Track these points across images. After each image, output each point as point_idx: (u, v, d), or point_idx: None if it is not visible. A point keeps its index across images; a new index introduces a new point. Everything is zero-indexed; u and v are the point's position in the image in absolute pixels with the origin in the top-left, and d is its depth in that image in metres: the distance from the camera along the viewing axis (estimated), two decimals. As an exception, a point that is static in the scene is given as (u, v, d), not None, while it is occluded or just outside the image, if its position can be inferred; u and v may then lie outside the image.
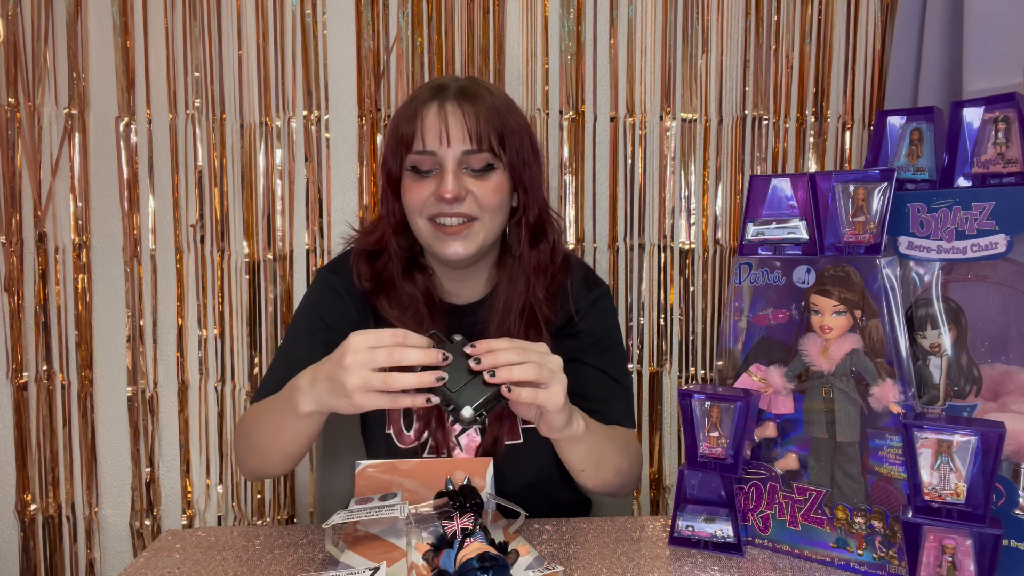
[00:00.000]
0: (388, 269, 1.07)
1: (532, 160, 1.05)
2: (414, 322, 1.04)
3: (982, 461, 0.71)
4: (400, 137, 1.01)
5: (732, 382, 0.92)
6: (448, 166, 0.98)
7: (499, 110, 1.00)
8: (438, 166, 0.99)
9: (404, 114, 1.01)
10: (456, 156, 0.98)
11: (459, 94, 1.00)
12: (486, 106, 0.99)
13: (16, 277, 1.65)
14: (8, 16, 1.60)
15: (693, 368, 1.73)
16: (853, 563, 0.83)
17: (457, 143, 0.98)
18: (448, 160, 0.98)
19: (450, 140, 0.97)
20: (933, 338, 0.84)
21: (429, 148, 0.98)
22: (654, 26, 1.67)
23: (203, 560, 0.85)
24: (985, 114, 0.81)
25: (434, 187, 0.99)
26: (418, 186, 1.00)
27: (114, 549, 1.73)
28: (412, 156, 1.00)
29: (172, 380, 1.70)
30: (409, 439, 1.08)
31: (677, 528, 0.90)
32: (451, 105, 0.98)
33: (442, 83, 1.02)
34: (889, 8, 1.65)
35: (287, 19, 1.64)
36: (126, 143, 1.65)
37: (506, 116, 1.01)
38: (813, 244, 0.86)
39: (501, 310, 1.05)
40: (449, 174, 0.97)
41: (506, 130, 1.00)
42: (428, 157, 0.99)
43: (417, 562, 0.73)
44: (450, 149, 0.98)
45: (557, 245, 1.09)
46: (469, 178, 0.99)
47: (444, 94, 1.00)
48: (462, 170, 0.99)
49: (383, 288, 1.07)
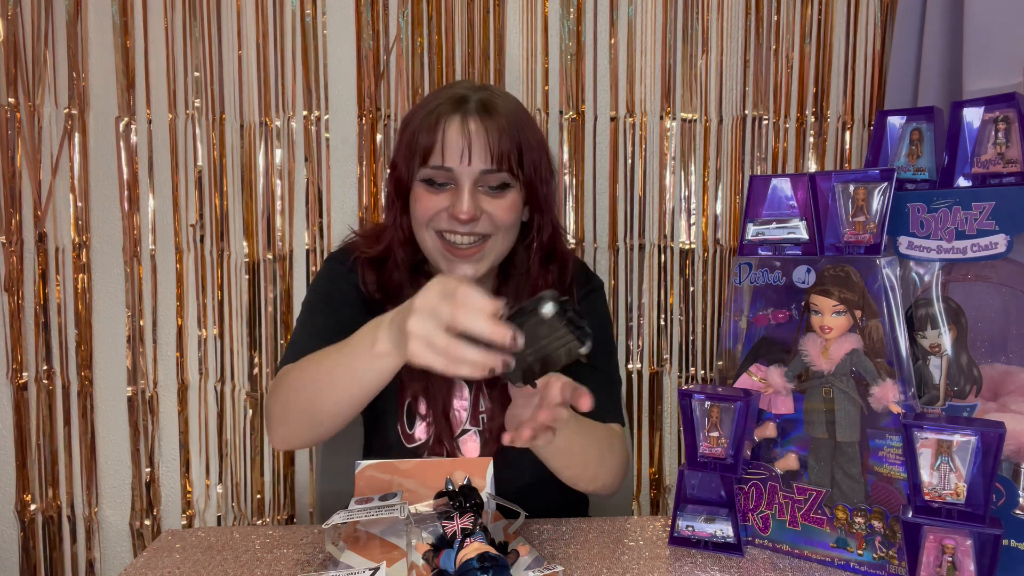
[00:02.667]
0: (394, 277, 1.05)
1: (548, 178, 1.03)
2: None
3: (982, 461, 0.71)
4: (418, 147, 0.98)
5: (732, 382, 0.92)
6: (465, 184, 0.95)
7: (519, 125, 0.98)
8: (453, 182, 0.97)
9: (423, 124, 0.98)
10: (474, 175, 0.96)
11: (480, 109, 0.97)
12: (507, 122, 0.97)
13: (16, 277, 1.65)
14: (8, 16, 1.60)
15: (693, 368, 1.73)
16: (853, 563, 0.83)
17: (478, 161, 0.95)
18: (465, 178, 0.96)
19: (471, 159, 0.95)
20: (933, 338, 0.84)
21: (448, 164, 0.96)
22: (654, 26, 1.67)
23: (203, 560, 0.85)
24: (985, 114, 0.81)
25: (447, 202, 0.97)
26: (430, 198, 0.97)
27: (114, 549, 1.73)
28: (428, 170, 0.97)
29: (172, 380, 1.70)
30: (413, 438, 1.08)
31: (677, 528, 0.90)
32: (474, 121, 0.96)
33: (462, 95, 0.99)
34: (889, 8, 1.65)
35: (287, 19, 1.64)
36: (126, 143, 1.65)
37: (526, 132, 0.99)
38: (813, 244, 0.86)
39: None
40: (465, 193, 0.95)
41: (524, 147, 0.98)
42: (444, 172, 0.96)
43: (417, 562, 0.73)
44: (469, 168, 0.95)
45: (566, 268, 1.07)
46: (484, 196, 0.97)
47: (466, 107, 0.97)
48: (478, 188, 0.97)
49: (390, 296, 1.05)
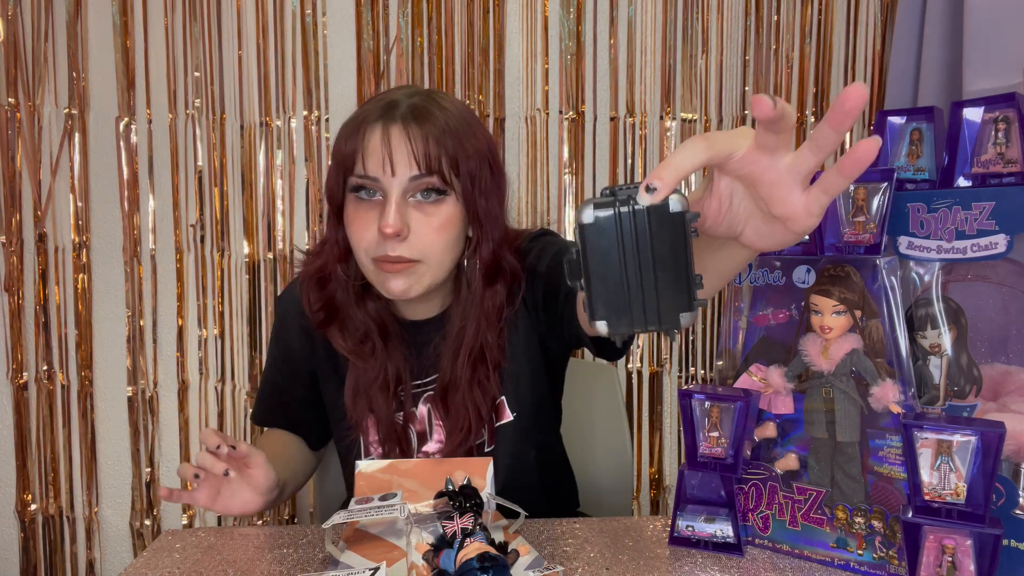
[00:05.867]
0: (338, 296, 0.99)
1: (491, 189, 0.93)
2: (369, 354, 0.99)
3: (982, 461, 0.71)
4: (341, 157, 0.90)
5: (732, 382, 0.92)
6: (392, 196, 0.87)
7: (454, 131, 0.89)
8: (381, 192, 0.89)
9: (346, 130, 0.91)
10: (402, 184, 0.87)
11: (408, 114, 0.88)
12: (437, 127, 0.88)
13: (16, 277, 1.65)
14: (8, 16, 1.60)
15: (693, 368, 1.73)
16: (853, 563, 0.83)
17: (403, 169, 0.87)
18: (392, 189, 0.87)
19: (395, 168, 0.87)
20: (933, 338, 0.84)
21: (371, 174, 0.88)
22: (654, 26, 1.67)
23: (203, 560, 0.85)
24: (985, 114, 0.80)
25: (376, 218, 0.89)
26: (361, 218, 0.90)
27: (114, 549, 1.73)
28: (354, 178, 0.90)
29: (172, 380, 1.70)
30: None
31: (677, 528, 0.90)
32: (396, 128, 0.87)
33: (392, 100, 0.91)
34: (889, 8, 1.65)
35: (287, 19, 1.64)
36: (126, 143, 1.65)
37: (462, 138, 0.90)
38: (813, 244, 0.86)
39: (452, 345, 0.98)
40: (392, 205, 0.86)
41: (460, 155, 0.89)
42: (370, 181, 0.89)
43: (417, 562, 0.73)
44: (395, 178, 0.87)
45: (514, 290, 0.99)
46: (414, 210, 0.89)
47: (391, 114, 0.89)
48: (407, 199, 0.88)
49: (336, 316, 1.00)
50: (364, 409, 1.01)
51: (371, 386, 0.99)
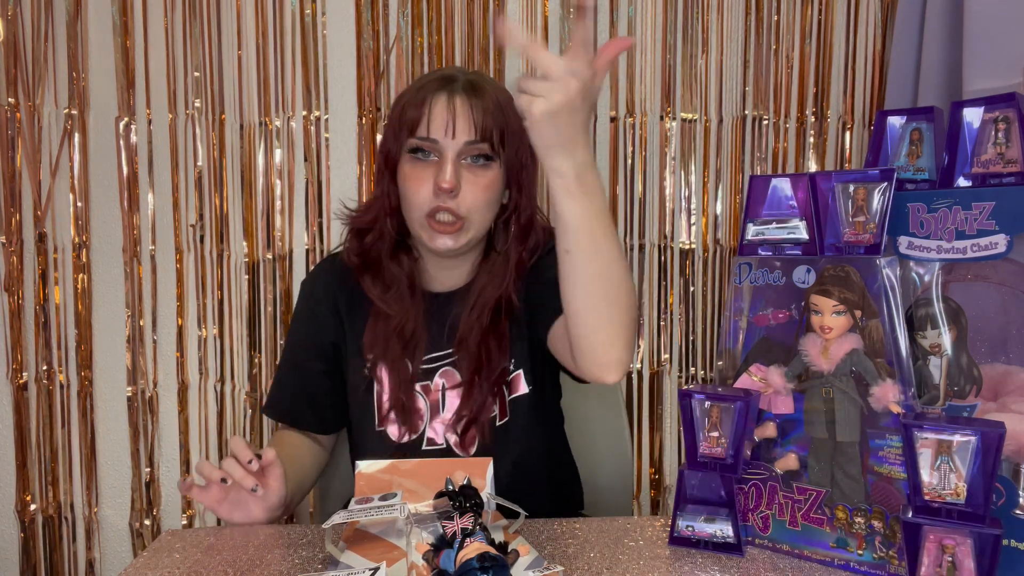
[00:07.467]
0: (376, 247, 1.10)
1: (530, 163, 1.07)
2: (395, 302, 1.07)
3: (982, 461, 0.71)
4: (405, 120, 1.03)
5: (732, 382, 0.92)
6: (448, 156, 1.00)
7: (504, 107, 1.03)
8: (437, 153, 1.02)
9: (411, 99, 1.04)
10: (458, 147, 1.01)
11: (468, 87, 1.03)
12: (492, 101, 1.03)
13: (16, 277, 1.65)
14: (8, 16, 1.60)
15: (693, 368, 1.73)
16: (853, 563, 0.83)
17: (461, 134, 1.00)
18: (449, 150, 1.01)
19: (455, 132, 1.00)
20: (933, 338, 0.84)
21: (433, 136, 1.01)
22: (654, 26, 1.67)
23: (203, 560, 0.85)
24: (985, 114, 0.80)
25: (431, 176, 1.01)
26: (418, 175, 1.02)
27: (114, 549, 1.73)
28: (414, 140, 1.02)
29: (172, 380, 1.70)
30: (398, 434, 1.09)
31: (677, 528, 0.90)
32: (459, 98, 1.01)
33: (451, 74, 1.05)
34: (889, 8, 1.65)
35: (287, 19, 1.64)
36: (126, 143, 1.65)
37: (510, 118, 1.03)
38: (813, 244, 0.86)
39: (475, 301, 1.07)
40: (449, 164, 1.00)
41: (508, 129, 1.03)
42: (429, 143, 1.01)
43: (417, 562, 0.73)
44: (453, 140, 1.00)
45: (539, 244, 1.11)
46: (466, 171, 1.02)
47: (453, 86, 1.03)
48: (461, 161, 1.02)
49: (369, 266, 1.10)
50: (380, 354, 1.08)
51: (391, 333, 1.07)
